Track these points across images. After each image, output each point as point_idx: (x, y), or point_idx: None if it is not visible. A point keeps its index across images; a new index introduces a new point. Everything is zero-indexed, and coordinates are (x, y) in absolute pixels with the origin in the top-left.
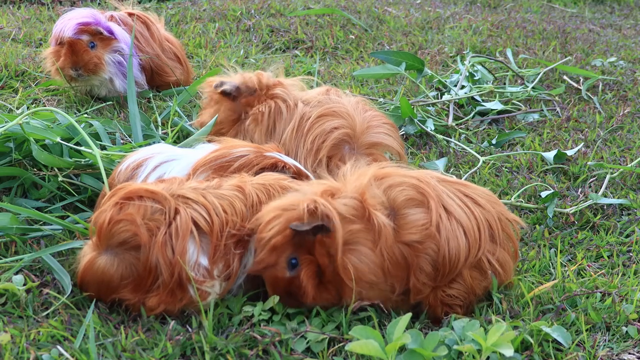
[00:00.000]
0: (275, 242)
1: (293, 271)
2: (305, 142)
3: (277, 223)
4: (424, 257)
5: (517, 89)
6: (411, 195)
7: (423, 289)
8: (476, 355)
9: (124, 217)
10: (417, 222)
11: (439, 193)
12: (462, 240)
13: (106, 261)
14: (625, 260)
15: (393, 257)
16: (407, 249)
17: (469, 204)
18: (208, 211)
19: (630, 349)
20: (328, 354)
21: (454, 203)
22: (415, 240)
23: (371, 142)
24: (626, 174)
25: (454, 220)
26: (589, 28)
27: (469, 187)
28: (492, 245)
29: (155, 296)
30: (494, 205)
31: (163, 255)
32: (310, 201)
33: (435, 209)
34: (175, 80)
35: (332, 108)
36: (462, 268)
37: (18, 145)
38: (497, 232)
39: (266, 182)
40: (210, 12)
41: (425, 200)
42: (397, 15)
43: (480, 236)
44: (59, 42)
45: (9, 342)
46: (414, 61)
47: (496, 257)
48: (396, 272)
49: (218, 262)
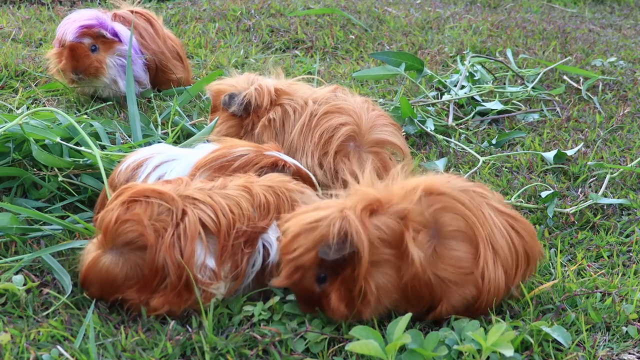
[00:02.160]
0: (302, 262)
1: (321, 286)
2: (312, 137)
3: (305, 242)
4: (460, 298)
5: (517, 89)
6: (461, 227)
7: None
8: (476, 355)
9: (130, 217)
10: (458, 262)
11: (489, 230)
12: (502, 283)
13: (111, 260)
14: (625, 260)
15: (417, 287)
16: (438, 281)
17: (514, 239)
18: (215, 212)
19: (630, 349)
20: (328, 354)
21: (503, 241)
22: (451, 279)
23: (376, 139)
24: (626, 174)
25: (499, 265)
26: (589, 28)
27: (517, 220)
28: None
29: (161, 297)
30: (534, 240)
31: (171, 256)
32: (343, 221)
33: (484, 252)
34: (178, 78)
35: (339, 105)
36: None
37: (18, 145)
38: (531, 267)
39: (273, 184)
40: (210, 12)
41: (474, 238)
42: (397, 15)
43: (516, 274)
44: (61, 45)
45: (9, 342)
46: (414, 61)
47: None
48: (414, 299)
49: (225, 262)
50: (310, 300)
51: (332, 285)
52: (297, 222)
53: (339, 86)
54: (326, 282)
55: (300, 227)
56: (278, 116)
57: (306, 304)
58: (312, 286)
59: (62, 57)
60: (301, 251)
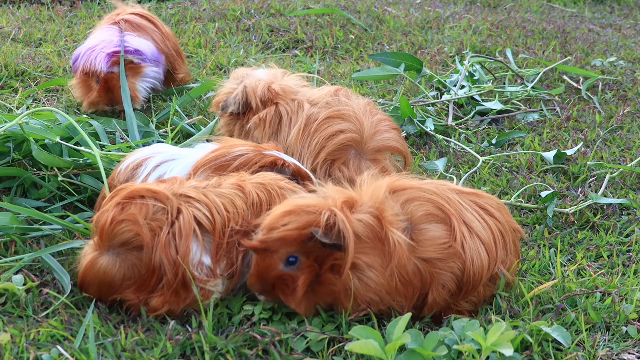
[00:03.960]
0: (287, 235)
1: (287, 268)
2: (310, 144)
3: (296, 220)
4: (447, 275)
5: (517, 89)
6: (430, 210)
7: (442, 304)
8: (476, 355)
9: (126, 217)
10: (438, 239)
11: (458, 208)
12: (485, 256)
13: (108, 261)
14: (625, 260)
15: (405, 275)
16: (424, 265)
17: (484, 216)
18: (210, 210)
19: (630, 349)
20: (328, 354)
21: (473, 218)
22: (435, 257)
23: (378, 147)
24: (626, 174)
25: (476, 238)
26: (589, 28)
27: (482, 197)
28: (504, 255)
29: (160, 296)
30: (505, 215)
31: (167, 255)
32: (330, 213)
33: (459, 227)
34: (183, 77)
35: (341, 111)
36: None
37: (18, 145)
38: (509, 242)
39: (265, 182)
40: (210, 12)
41: (446, 217)
42: (397, 15)
43: (497, 250)
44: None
45: (9, 342)
46: (413, 62)
47: (507, 266)
48: (406, 290)
49: (221, 260)
50: (270, 278)
51: (301, 271)
52: (287, 203)
53: (341, 88)
54: (295, 265)
55: (291, 207)
56: (269, 117)
57: (258, 279)
58: (277, 265)
59: (92, 89)
60: (291, 227)
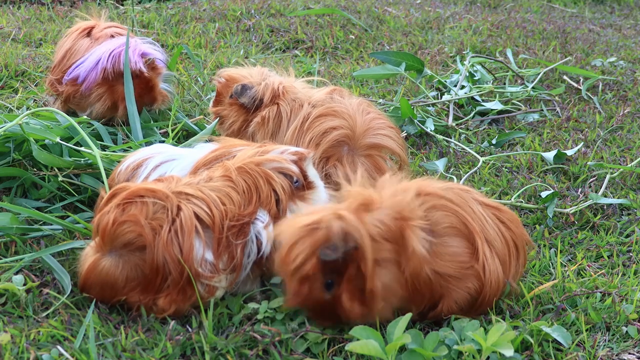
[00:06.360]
0: (305, 272)
1: (331, 292)
2: (303, 141)
3: (303, 249)
4: (462, 294)
5: (517, 89)
6: (454, 223)
7: (449, 315)
8: (476, 355)
9: (127, 218)
10: (458, 256)
11: (482, 224)
12: (501, 276)
13: (111, 263)
14: (625, 260)
15: (417, 283)
16: (438, 278)
17: (503, 231)
18: (208, 205)
19: (630, 349)
20: (328, 354)
21: (495, 236)
22: (451, 274)
23: (370, 143)
24: (626, 174)
25: (495, 257)
26: (589, 28)
27: (502, 212)
28: (515, 270)
29: (166, 296)
30: (519, 228)
31: (170, 253)
32: (338, 221)
33: (481, 246)
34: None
35: (333, 108)
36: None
37: (18, 145)
38: (522, 256)
39: (243, 164)
40: (210, 12)
41: (469, 233)
42: (397, 15)
43: (510, 266)
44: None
45: (9, 342)
46: (414, 61)
47: (516, 278)
48: (414, 296)
49: (222, 255)
50: (324, 312)
51: (340, 288)
52: (290, 230)
53: (336, 88)
54: (334, 287)
55: (294, 234)
56: (272, 116)
57: (322, 317)
58: (322, 295)
59: (118, 93)
60: (301, 259)
